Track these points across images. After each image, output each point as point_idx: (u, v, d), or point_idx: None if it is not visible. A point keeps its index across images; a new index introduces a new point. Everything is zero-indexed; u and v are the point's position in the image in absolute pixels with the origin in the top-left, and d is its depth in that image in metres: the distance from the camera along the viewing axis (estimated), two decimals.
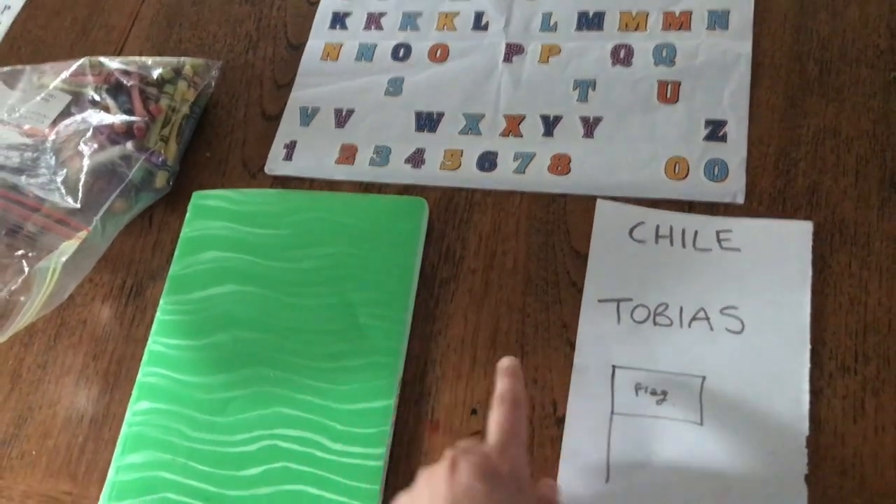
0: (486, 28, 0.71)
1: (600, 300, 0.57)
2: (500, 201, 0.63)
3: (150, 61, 0.70)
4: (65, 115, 0.66)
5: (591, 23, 0.68)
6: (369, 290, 0.60)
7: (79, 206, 0.61)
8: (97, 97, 0.67)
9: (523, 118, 0.66)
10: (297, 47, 0.74)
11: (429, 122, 0.67)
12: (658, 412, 0.53)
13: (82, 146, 0.64)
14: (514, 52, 0.69)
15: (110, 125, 0.65)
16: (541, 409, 0.55)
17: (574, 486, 0.52)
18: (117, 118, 0.66)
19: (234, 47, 0.76)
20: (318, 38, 0.74)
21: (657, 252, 0.58)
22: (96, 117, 0.66)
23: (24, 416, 0.62)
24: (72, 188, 0.62)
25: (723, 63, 0.64)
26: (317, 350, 0.59)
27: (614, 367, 0.55)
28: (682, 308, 0.56)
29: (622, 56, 0.66)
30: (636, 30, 0.67)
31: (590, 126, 0.64)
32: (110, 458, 0.58)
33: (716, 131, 0.61)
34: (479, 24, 0.71)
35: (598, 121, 0.64)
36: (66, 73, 0.69)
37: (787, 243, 0.56)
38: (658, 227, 0.59)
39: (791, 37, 0.64)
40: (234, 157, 0.70)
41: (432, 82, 0.69)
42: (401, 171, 0.66)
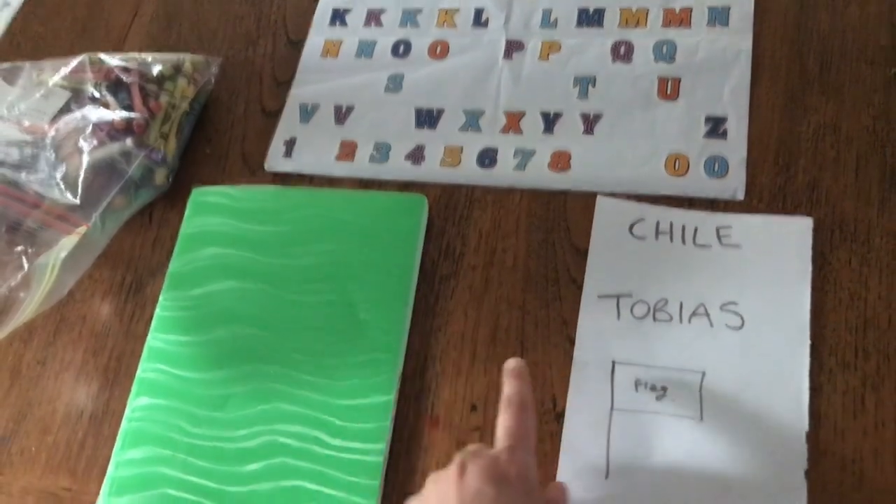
0: (486, 25, 0.70)
1: (600, 296, 0.57)
2: (500, 198, 0.63)
3: (149, 58, 0.70)
4: (64, 111, 0.66)
5: (591, 19, 0.68)
6: (369, 286, 0.60)
7: (78, 202, 0.61)
8: (97, 94, 0.67)
9: (523, 115, 0.66)
10: (297, 44, 0.74)
11: (429, 118, 0.67)
12: (658, 408, 0.53)
13: (82, 143, 0.64)
14: (514, 48, 0.69)
15: (110, 122, 0.65)
16: (540, 404, 0.55)
17: (573, 482, 0.51)
18: (117, 115, 0.66)
19: (234, 44, 0.76)
20: (318, 35, 0.74)
21: (657, 248, 0.58)
22: (96, 114, 0.65)
23: (23, 412, 0.62)
24: (71, 184, 0.62)
25: (723, 59, 0.64)
26: (316, 346, 0.59)
27: (614, 362, 0.55)
28: (681, 304, 0.56)
29: (622, 52, 0.66)
30: (636, 26, 0.67)
31: (590, 123, 0.64)
32: (110, 454, 0.58)
33: (716, 128, 0.61)
34: (479, 21, 0.71)
35: (598, 117, 0.64)
36: (66, 69, 0.68)
37: (787, 240, 0.56)
38: (658, 224, 0.59)
39: (791, 33, 0.64)
40: (233, 153, 0.70)
41: (432, 79, 0.69)
42: (401, 167, 0.66)
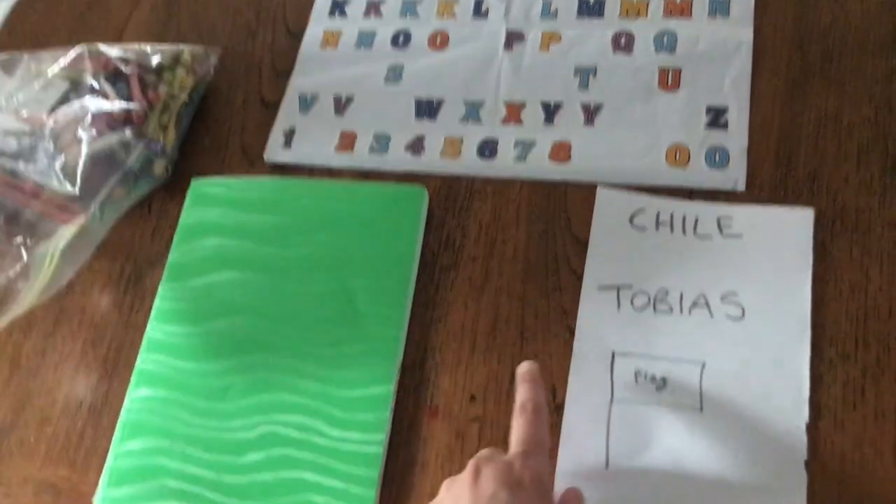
0: (486, 15, 0.70)
1: (600, 287, 0.57)
2: (500, 189, 0.63)
3: (148, 49, 0.70)
4: (63, 102, 0.66)
5: (591, 10, 0.68)
6: (369, 277, 0.60)
7: (77, 192, 0.61)
8: (96, 84, 0.67)
9: (524, 106, 0.65)
10: (297, 34, 0.74)
11: (429, 109, 0.67)
12: (658, 399, 0.53)
13: (81, 133, 0.64)
14: (514, 39, 0.68)
15: (109, 112, 0.65)
16: None
17: (573, 473, 0.51)
18: (116, 105, 0.65)
19: (233, 35, 0.75)
20: (318, 26, 0.73)
21: (657, 239, 0.58)
22: (95, 104, 0.65)
23: (22, 402, 0.62)
24: (70, 175, 0.62)
25: (724, 50, 0.63)
26: (316, 337, 0.59)
27: (614, 353, 0.55)
28: (682, 295, 0.56)
29: (623, 43, 0.66)
30: (637, 17, 0.67)
31: (590, 113, 0.64)
32: (109, 445, 0.58)
33: (717, 118, 0.61)
34: (479, 12, 0.70)
35: (598, 108, 0.64)
36: (65, 60, 0.68)
37: (788, 230, 0.56)
38: (658, 214, 0.59)
39: (792, 24, 0.63)
40: (233, 144, 0.70)
41: (432, 70, 0.69)
42: (400, 158, 0.66)
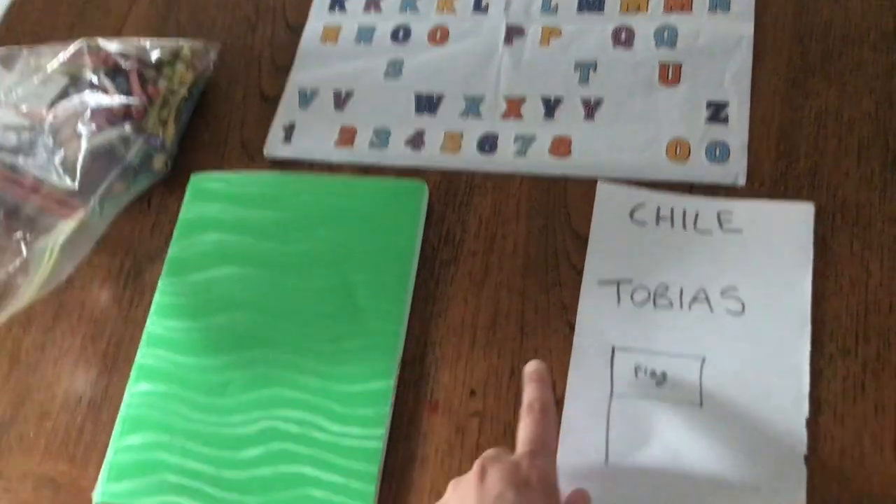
0: (486, 10, 0.70)
1: (600, 282, 0.57)
2: (500, 184, 0.63)
3: (148, 44, 0.70)
4: (62, 96, 0.66)
5: (591, 5, 0.68)
6: (369, 272, 0.60)
7: (77, 187, 0.61)
8: (95, 79, 0.66)
9: (524, 100, 0.65)
10: (296, 29, 0.73)
11: (429, 104, 0.67)
12: (657, 394, 0.53)
13: (80, 128, 0.63)
14: (514, 34, 0.68)
15: (108, 107, 0.65)
16: None
17: (573, 467, 0.51)
18: (115, 100, 0.65)
19: (233, 29, 0.75)
20: (318, 21, 0.73)
21: (658, 234, 0.58)
22: (94, 99, 0.65)
23: (22, 397, 0.62)
24: (70, 169, 0.62)
25: (724, 45, 0.63)
26: (316, 332, 0.59)
27: (614, 348, 0.55)
28: (682, 290, 0.56)
29: (623, 38, 0.66)
30: (637, 12, 0.67)
31: (591, 108, 0.64)
32: (109, 440, 0.58)
33: (717, 113, 0.61)
34: (480, 6, 0.70)
35: (598, 103, 0.64)
36: (64, 55, 0.68)
37: (789, 225, 0.56)
38: (659, 209, 0.59)
39: (793, 18, 0.63)
40: (232, 139, 0.70)
41: (432, 64, 0.69)
42: (400, 153, 0.65)
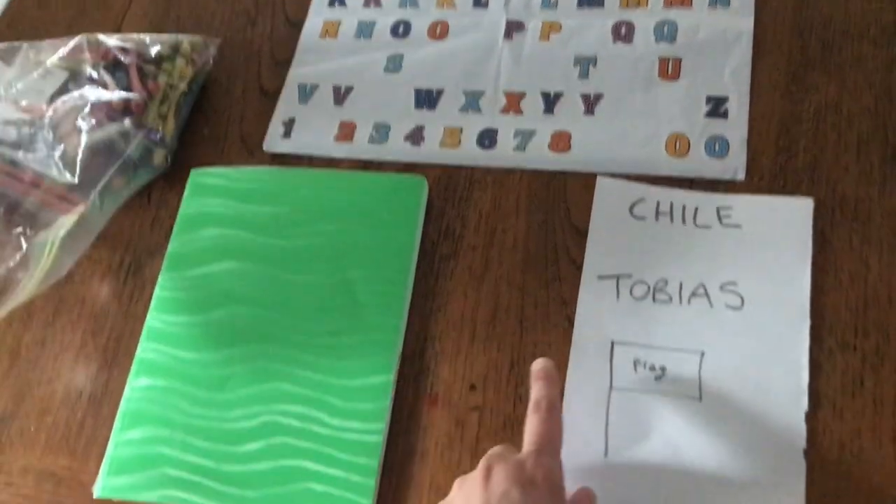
0: (486, 5, 0.70)
1: (600, 277, 0.57)
2: (500, 179, 0.63)
3: (147, 39, 0.69)
4: (62, 91, 0.66)
5: (591, 0, 0.68)
6: (369, 267, 0.60)
7: (77, 181, 0.61)
8: (95, 74, 0.66)
9: (524, 95, 0.65)
10: (296, 24, 0.73)
11: (428, 99, 0.67)
12: (657, 388, 0.53)
13: (80, 122, 0.63)
14: (514, 29, 0.68)
15: (108, 102, 0.65)
16: None
17: (572, 461, 0.51)
18: (115, 95, 0.65)
19: (233, 24, 0.75)
20: (317, 16, 0.73)
21: (657, 229, 0.58)
22: (94, 94, 0.65)
23: (22, 392, 0.62)
24: (70, 164, 0.61)
25: (724, 40, 0.63)
26: (316, 326, 0.59)
27: (613, 343, 0.55)
28: (681, 284, 0.56)
29: (623, 33, 0.66)
30: (637, 7, 0.66)
31: (590, 103, 0.64)
32: (109, 434, 0.58)
33: (717, 108, 0.61)
34: (480, 1, 0.70)
35: (598, 98, 0.64)
36: (64, 50, 0.68)
37: (788, 219, 0.56)
38: (658, 204, 0.59)
39: (793, 13, 0.63)
40: (232, 134, 0.70)
41: (432, 59, 0.69)
42: (400, 148, 0.65)
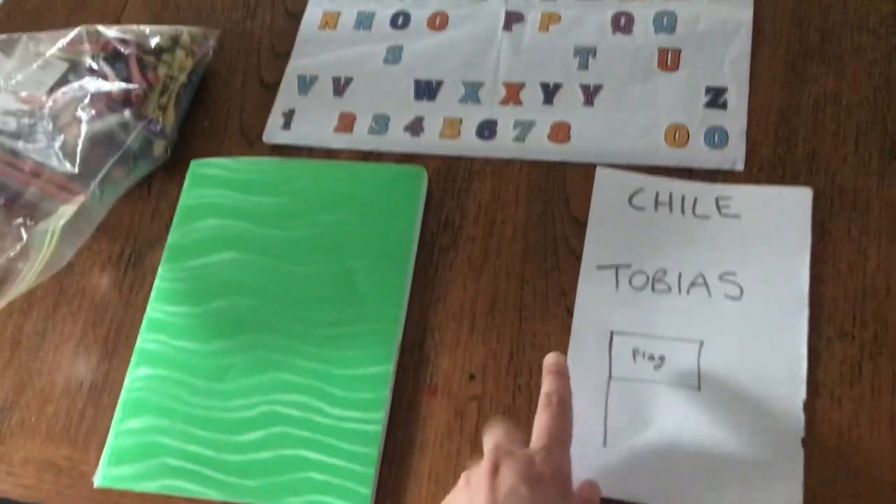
0: None
1: (599, 267, 0.57)
2: (499, 169, 0.63)
3: (147, 30, 0.69)
4: (62, 82, 0.66)
5: None
6: (368, 257, 0.60)
7: (77, 171, 0.61)
8: (94, 65, 0.66)
9: (523, 86, 0.65)
10: (296, 16, 0.73)
11: (428, 90, 0.67)
12: (655, 377, 0.53)
13: (80, 113, 0.63)
14: (513, 20, 0.68)
15: (108, 93, 0.65)
16: (539, 374, 0.54)
17: (572, 451, 0.51)
18: (115, 86, 0.65)
19: (232, 16, 0.75)
20: (317, 7, 0.73)
21: (656, 219, 0.58)
22: (94, 85, 0.65)
23: (23, 383, 0.62)
24: (70, 154, 0.62)
25: (724, 30, 0.63)
26: (316, 317, 0.59)
27: (612, 332, 0.55)
28: (680, 274, 0.56)
29: (622, 24, 0.66)
30: None
31: (590, 94, 0.64)
32: (109, 424, 0.58)
33: (716, 98, 0.61)
34: None
35: (598, 89, 0.64)
36: (64, 41, 0.68)
37: (787, 210, 0.56)
38: (658, 194, 0.59)
39: (792, 3, 0.63)
40: (232, 125, 0.70)
41: (431, 50, 0.69)
42: (400, 139, 0.65)
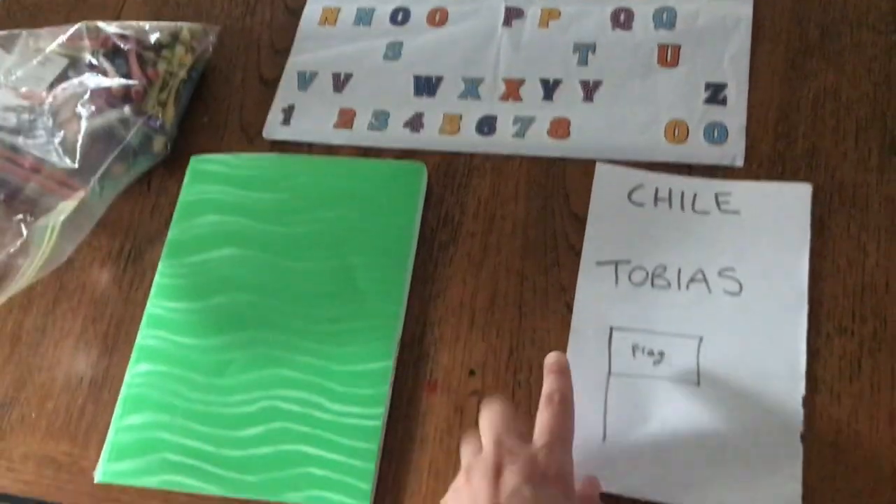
0: None
1: (598, 262, 0.57)
2: (499, 165, 0.63)
3: (147, 26, 0.69)
4: (62, 78, 0.66)
5: None
6: (368, 253, 0.60)
7: (77, 167, 0.61)
8: (94, 61, 0.66)
9: (523, 82, 0.65)
10: (295, 12, 0.73)
11: (428, 86, 0.67)
12: (655, 373, 0.53)
13: (80, 109, 0.63)
14: (513, 15, 0.68)
15: (108, 89, 0.65)
16: (538, 370, 0.55)
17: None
18: (115, 82, 0.65)
19: (232, 12, 0.75)
20: (316, 3, 0.73)
21: (656, 215, 0.58)
22: (94, 81, 0.65)
23: (23, 379, 0.63)
24: (70, 150, 0.62)
25: (723, 26, 0.63)
26: (316, 313, 0.59)
27: (612, 328, 0.55)
28: (680, 270, 0.56)
29: (622, 20, 0.66)
30: None
31: (589, 90, 0.64)
32: (109, 420, 0.59)
33: (716, 94, 0.61)
34: None
35: (597, 84, 0.64)
36: (63, 37, 0.68)
37: (786, 206, 0.56)
38: (657, 190, 0.59)
39: (791, 0, 0.63)
40: (231, 121, 0.70)
41: (431, 46, 0.69)
42: (399, 135, 0.66)
